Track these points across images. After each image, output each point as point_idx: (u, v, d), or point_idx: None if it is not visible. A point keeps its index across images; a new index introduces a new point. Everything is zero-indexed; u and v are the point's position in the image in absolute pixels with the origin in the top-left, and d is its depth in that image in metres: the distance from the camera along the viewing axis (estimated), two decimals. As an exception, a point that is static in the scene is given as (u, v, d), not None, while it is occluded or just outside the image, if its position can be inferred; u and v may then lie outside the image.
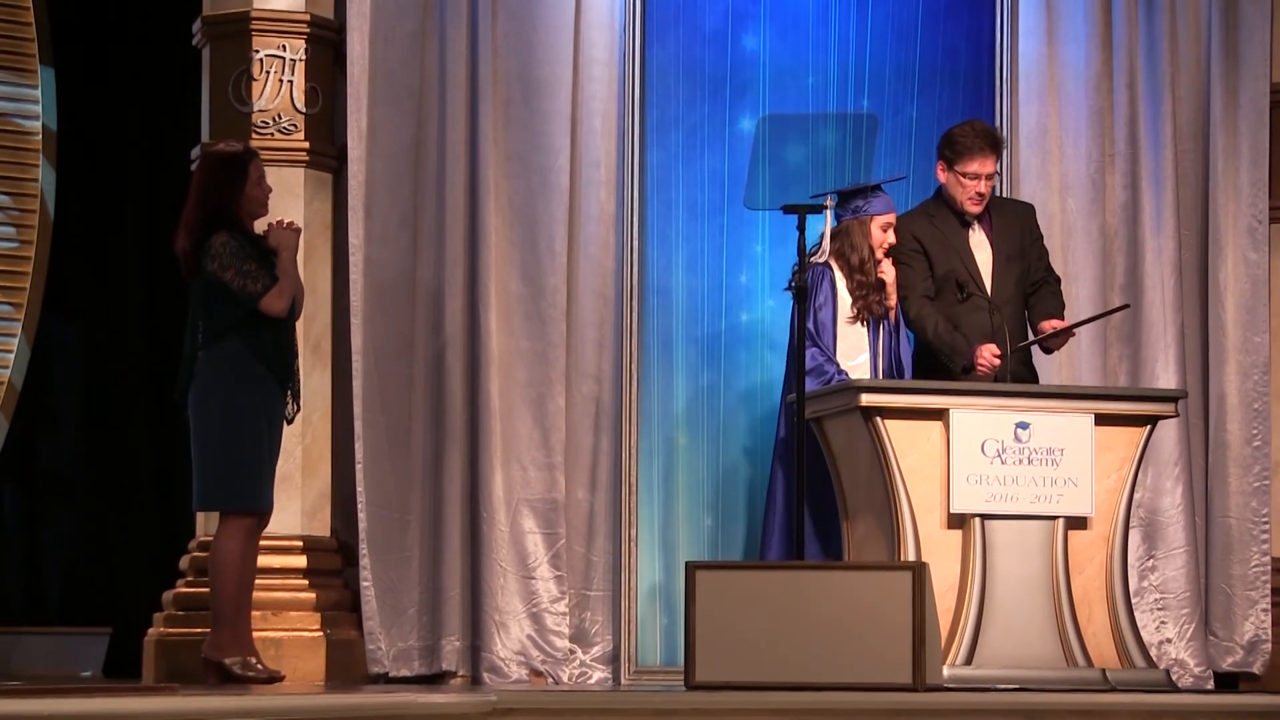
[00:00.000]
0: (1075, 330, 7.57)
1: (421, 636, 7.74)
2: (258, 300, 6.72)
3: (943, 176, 7.53)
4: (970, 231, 7.56)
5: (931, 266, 7.50)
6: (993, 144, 7.49)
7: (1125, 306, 8.03)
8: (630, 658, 7.80)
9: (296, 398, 6.89)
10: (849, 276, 7.54)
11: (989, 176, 7.49)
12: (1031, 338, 7.52)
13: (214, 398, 6.72)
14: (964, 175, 7.46)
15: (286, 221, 6.93)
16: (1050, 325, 7.44)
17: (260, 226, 6.91)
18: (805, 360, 7.17)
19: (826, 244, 7.42)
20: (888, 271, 7.53)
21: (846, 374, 7.41)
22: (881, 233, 7.54)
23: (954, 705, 6.27)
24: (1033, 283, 7.62)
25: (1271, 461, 8.34)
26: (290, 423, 6.90)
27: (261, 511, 6.82)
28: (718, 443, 8.06)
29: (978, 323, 7.41)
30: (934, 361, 7.51)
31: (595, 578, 7.88)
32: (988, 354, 7.28)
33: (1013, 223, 7.60)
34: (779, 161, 8.13)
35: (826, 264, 7.51)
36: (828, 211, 7.39)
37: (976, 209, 7.51)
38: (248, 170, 6.83)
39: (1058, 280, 7.71)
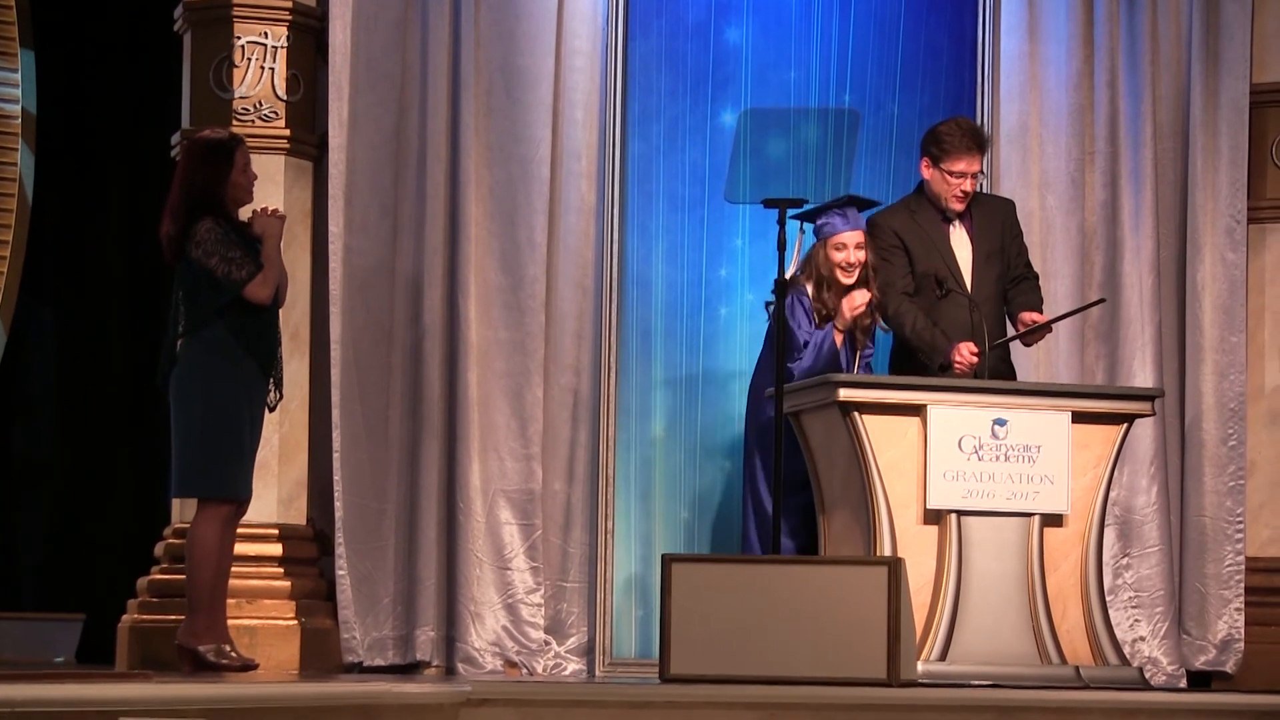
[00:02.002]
0: (1053, 326, 7.59)
1: (396, 626, 7.74)
2: (242, 287, 6.70)
3: (927, 173, 7.52)
4: (951, 228, 7.56)
5: (911, 263, 7.51)
6: (979, 143, 7.50)
7: (1101, 301, 8.05)
8: (605, 650, 7.80)
9: (279, 385, 6.87)
10: (818, 300, 7.51)
11: (974, 175, 7.50)
12: (1010, 331, 7.54)
13: (195, 384, 6.71)
14: (950, 173, 7.46)
15: (271, 209, 6.92)
16: (1029, 317, 7.45)
17: (245, 213, 6.90)
18: (791, 346, 7.20)
19: (795, 264, 7.41)
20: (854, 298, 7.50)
21: (831, 337, 7.40)
22: (836, 253, 7.47)
23: (928, 701, 6.28)
24: (1012, 279, 7.63)
25: (1247, 461, 8.36)
26: (272, 410, 6.89)
27: (240, 499, 6.80)
28: (695, 436, 8.07)
29: (957, 320, 7.42)
30: (909, 359, 7.52)
31: (571, 569, 7.88)
32: (965, 352, 7.29)
33: (993, 220, 7.61)
34: (760, 156, 8.13)
35: (803, 287, 7.48)
36: (800, 235, 7.40)
37: (960, 207, 7.51)
38: (234, 157, 6.82)
39: (1036, 276, 7.72)
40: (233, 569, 6.96)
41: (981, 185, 7.92)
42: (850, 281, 7.46)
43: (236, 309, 6.72)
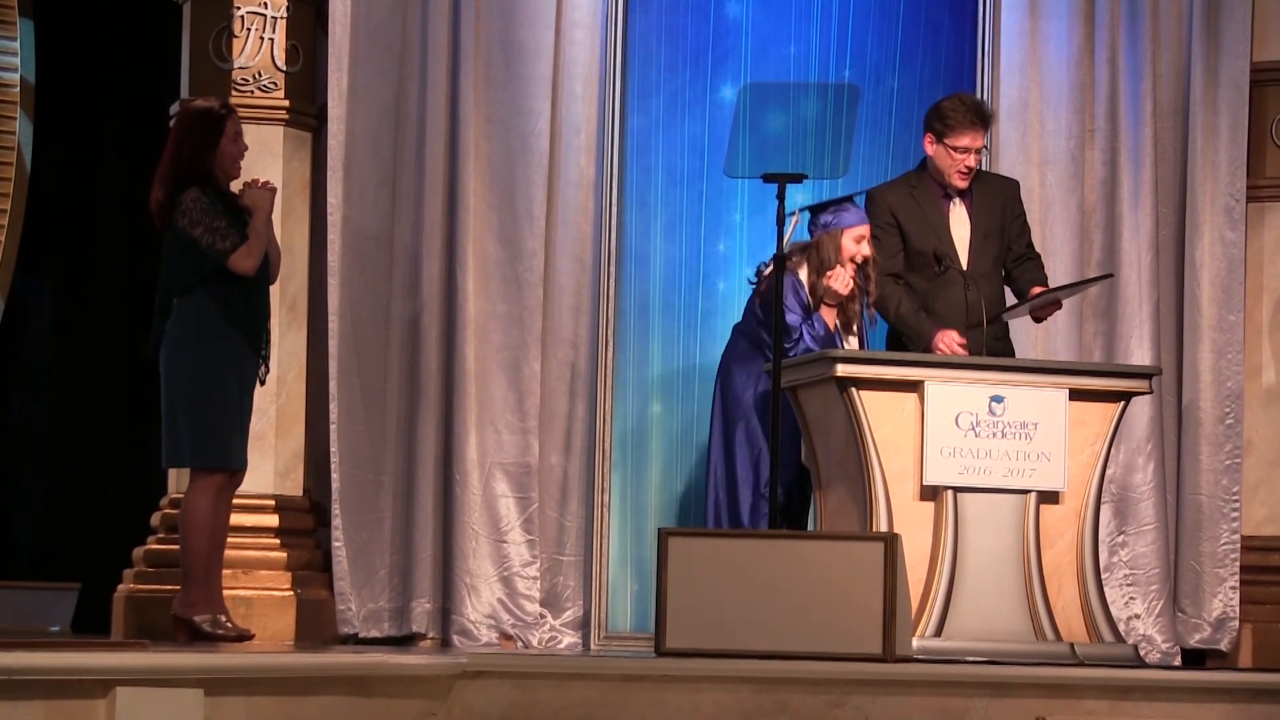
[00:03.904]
0: (1062, 300, 7.58)
1: (392, 598, 7.74)
2: (225, 258, 6.69)
3: (930, 149, 7.51)
4: (950, 206, 7.55)
5: (905, 242, 7.49)
6: (983, 118, 7.48)
7: (1109, 275, 8.04)
8: (600, 623, 7.81)
9: (266, 360, 6.86)
10: (824, 290, 7.50)
11: (978, 151, 7.48)
12: (1017, 305, 7.53)
13: (183, 354, 6.71)
14: (954, 149, 7.45)
15: (262, 181, 6.90)
16: (1039, 290, 7.45)
17: (236, 185, 6.89)
18: (787, 331, 7.21)
19: (787, 245, 7.40)
20: (836, 278, 7.46)
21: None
22: (855, 245, 7.48)
23: (923, 676, 6.29)
24: (1015, 258, 7.62)
25: (1243, 440, 8.36)
26: (262, 384, 6.88)
27: (230, 469, 6.79)
28: (692, 410, 8.07)
29: (953, 297, 7.41)
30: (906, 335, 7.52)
31: (567, 543, 7.89)
32: (949, 340, 7.26)
33: (994, 199, 7.59)
34: (759, 130, 8.12)
35: (796, 272, 7.47)
36: (793, 222, 7.37)
37: (964, 183, 7.50)
38: (224, 126, 6.81)
39: (1039, 256, 7.72)
40: (229, 540, 6.96)
41: (983, 162, 7.91)
42: (851, 274, 7.46)
43: (221, 279, 6.71)
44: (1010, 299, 7.67)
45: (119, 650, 5.60)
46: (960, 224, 7.53)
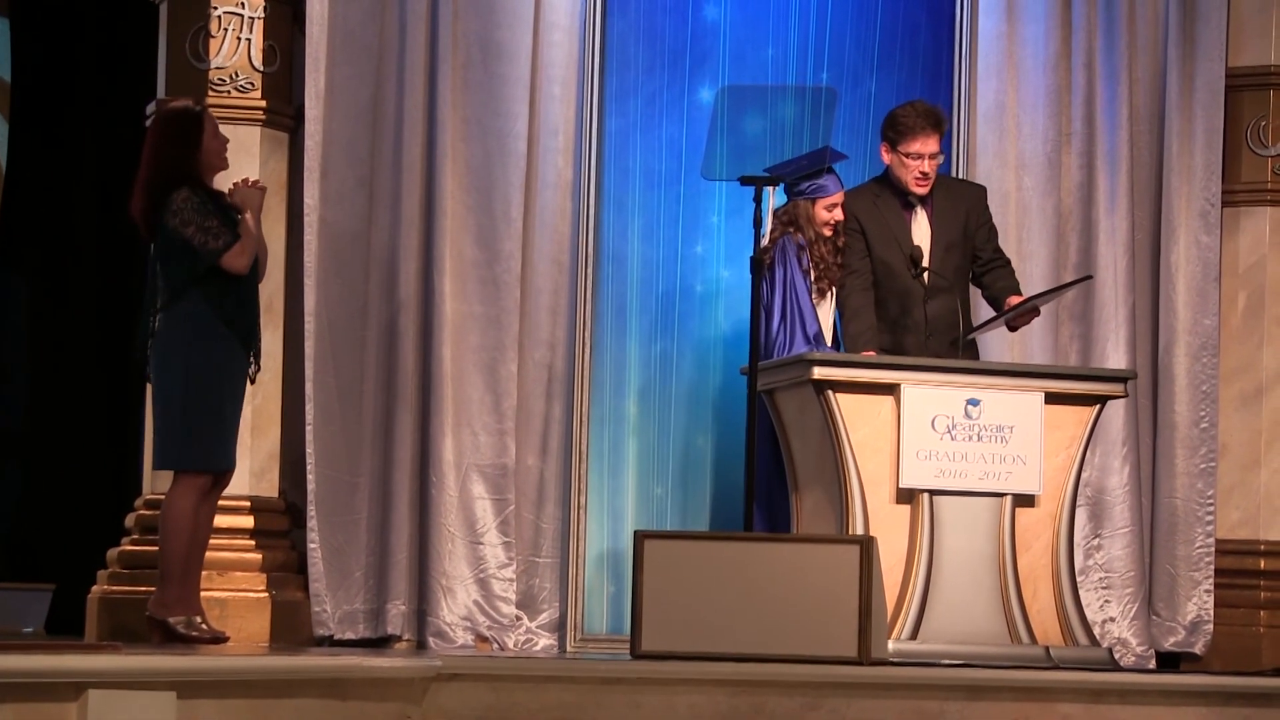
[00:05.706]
0: (1039, 308, 7.59)
1: (367, 600, 7.73)
2: (218, 256, 6.67)
3: (887, 158, 7.50)
4: (912, 215, 7.53)
5: (869, 250, 7.49)
6: (935, 123, 7.44)
7: (1089, 278, 8.06)
8: (577, 625, 7.81)
9: (257, 358, 6.85)
10: (817, 255, 7.55)
11: (933, 156, 7.45)
12: (993, 315, 7.53)
13: (174, 356, 6.69)
14: (907, 155, 7.43)
15: (251, 180, 6.90)
16: (1016, 300, 7.45)
17: (224, 181, 6.87)
18: (769, 339, 7.22)
19: (768, 224, 7.40)
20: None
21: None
22: (826, 212, 7.52)
23: (898, 679, 6.30)
24: (983, 263, 7.61)
25: (1218, 443, 8.38)
26: (253, 382, 6.88)
27: (216, 470, 6.78)
28: (669, 412, 8.07)
29: (913, 308, 7.41)
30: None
31: (544, 545, 7.88)
32: None
33: (957, 207, 7.56)
34: (737, 133, 8.13)
35: (791, 237, 7.51)
36: (772, 192, 7.37)
37: (922, 189, 7.47)
38: (203, 123, 6.80)
39: (1008, 261, 7.72)
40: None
41: (958, 166, 7.92)
42: (830, 235, 7.52)
43: (215, 280, 6.70)
44: (980, 304, 7.67)
45: (91, 652, 5.58)
46: (921, 233, 7.52)
